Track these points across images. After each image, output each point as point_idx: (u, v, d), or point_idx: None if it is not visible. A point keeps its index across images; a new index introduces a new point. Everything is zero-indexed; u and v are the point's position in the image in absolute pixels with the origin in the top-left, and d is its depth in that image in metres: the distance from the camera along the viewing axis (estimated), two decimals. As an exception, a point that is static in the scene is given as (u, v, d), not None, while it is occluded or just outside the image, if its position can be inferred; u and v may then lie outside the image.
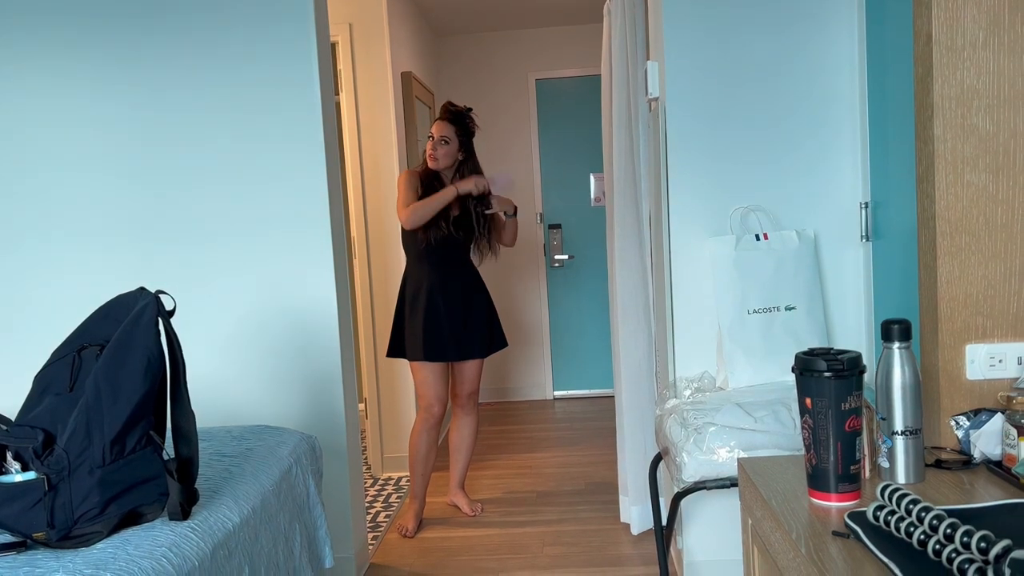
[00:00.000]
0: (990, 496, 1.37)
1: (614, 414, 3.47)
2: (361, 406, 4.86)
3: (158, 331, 1.73)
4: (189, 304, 2.93)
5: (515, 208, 3.53)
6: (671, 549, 2.99)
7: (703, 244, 2.65)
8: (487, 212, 3.45)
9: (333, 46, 4.09)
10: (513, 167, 5.59)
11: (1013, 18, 1.58)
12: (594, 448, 4.53)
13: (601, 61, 3.32)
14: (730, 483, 2.16)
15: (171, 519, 1.71)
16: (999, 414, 1.53)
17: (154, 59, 2.90)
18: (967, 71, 1.60)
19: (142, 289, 1.82)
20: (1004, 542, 1.02)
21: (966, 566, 1.03)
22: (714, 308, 2.61)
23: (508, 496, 3.84)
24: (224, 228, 2.94)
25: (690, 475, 2.21)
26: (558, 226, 5.70)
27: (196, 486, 1.81)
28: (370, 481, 4.16)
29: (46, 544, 1.61)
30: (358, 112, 4.13)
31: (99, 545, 1.60)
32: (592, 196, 5.70)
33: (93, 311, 1.84)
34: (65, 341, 1.79)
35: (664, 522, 2.55)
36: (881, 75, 2.40)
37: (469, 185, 3.33)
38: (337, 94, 4.15)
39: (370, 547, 3.29)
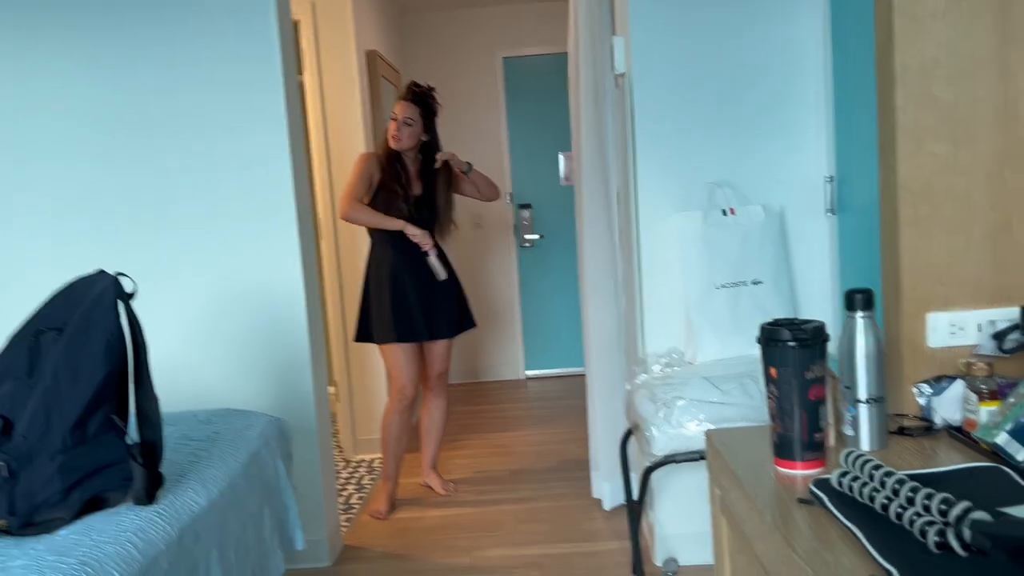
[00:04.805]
0: (951, 460, 1.39)
1: (586, 392, 3.48)
2: (332, 389, 4.84)
3: (118, 313, 1.70)
4: (154, 288, 2.89)
5: (468, 164, 3.48)
6: (642, 523, 3.01)
7: (670, 220, 2.65)
8: (436, 166, 3.39)
9: (295, 25, 4.02)
10: (481, 147, 5.56)
11: (972, -13, 1.59)
12: (566, 426, 4.55)
13: (568, 38, 3.30)
14: (699, 456, 2.18)
15: (136, 504, 1.69)
16: (960, 380, 1.55)
17: (110, 40, 2.83)
18: (928, 41, 1.61)
19: (101, 271, 1.78)
20: (963, 504, 1.04)
21: (927, 528, 1.05)
22: (682, 284, 2.62)
23: (481, 475, 3.85)
24: (187, 211, 2.89)
25: (660, 449, 2.22)
26: (528, 206, 5.69)
27: (161, 470, 1.79)
28: (343, 464, 4.15)
29: (7, 532, 1.58)
30: (322, 92, 4.08)
31: (62, 532, 1.58)
32: (562, 175, 5.68)
33: (51, 294, 1.80)
34: (22, 325, 1.75)
35: (635, 496, 2.57)
36: (845, 49, 2.41)
37: (418, 235, 3.28)
38: (300, 74, 4.09)
39: (343, 529, 3.28)
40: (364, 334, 3.45)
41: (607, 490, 3.27)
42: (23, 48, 2.85)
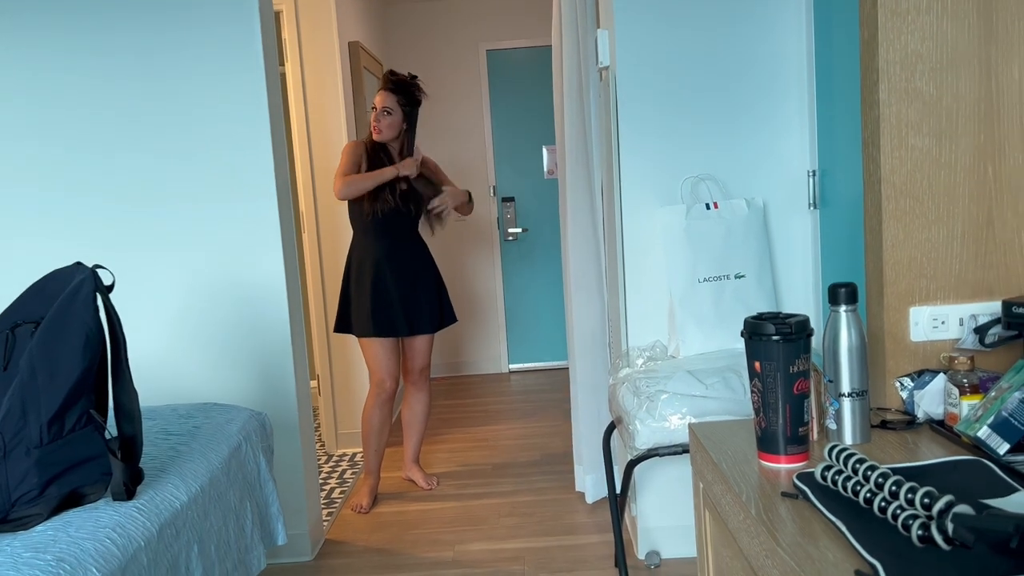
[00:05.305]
0: (933, 454, 1.40)
1: (569, 386, 3.48)
2: (313, 383, 4.81)
3: (96, 307, 1.67)
4: (133, 280, 2.86)
5: (468, 197, 3.50)
6: (625, 516, 3.02)
7: (654, 214, 2.65)
8: (439, 212, 3.41)
9: (277, 15, 3.98)
10: (464, 140, 5.54)
11: (956, -18, 1.59)
12: (549, 419, 4.55)
13: (552, 30, 3.29)
14: (682, 450, 2.18)
15: (115, 499, 1.67)
16: (942, 374, 1.56)
17: (95, 25, 2.79)
18: (911, 35, 1.61)
19: (78, 264, 1.75)
20: (947, 497, 1.04)
21: (910, 522, 1.05)
22: (665, 277, 2.62)
23: (464, 469, 3.84)
24: (167, 202, 2.86)
25: (643, 443, 2.22)
26: (511, 199, 5.68)
27: (141, 465, 1.77)
28: (324, 458, 4.13)
29: (-17, 528, 1.56)
30: (304, 83, 4.05)
31: (39, 528, 1.55)
32: (545, 168, 5.68)
33: (27, 287, 1.77)
34: (-3, 319, 1.72)
35: (618, 490, 2.57)
36: (827, 43, 2.41)
37: (410, 168, 3.28)
38: (282, 65, 4.05)
39: (325, 523, 3.26)
40: (343, 324, 3.43)
41: (590, 483, 3.27)
42: (4, 31, 2.81)
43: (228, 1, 2.77)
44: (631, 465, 2.33)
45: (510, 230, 5.68)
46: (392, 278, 3.33)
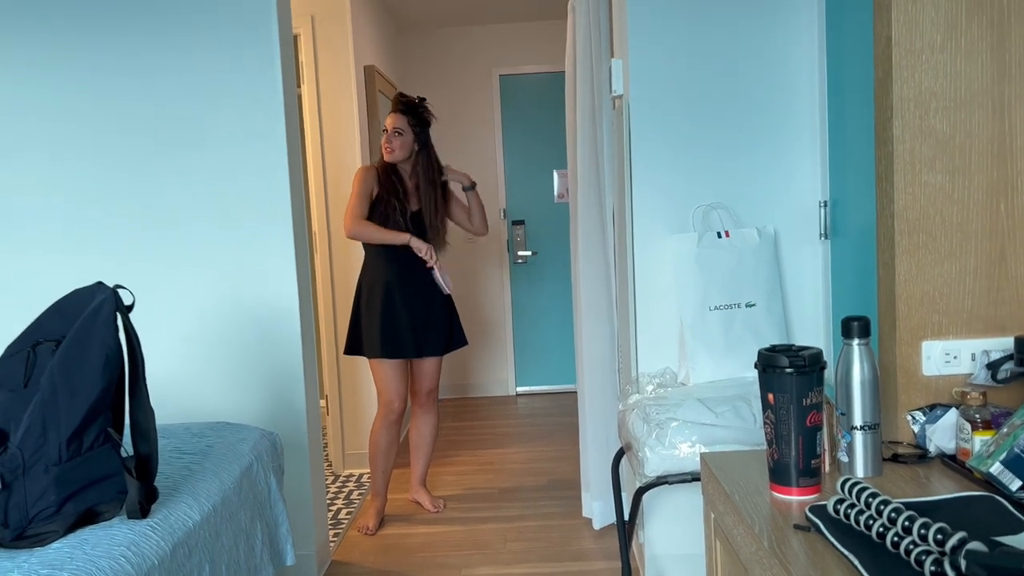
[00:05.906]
0: (945, 489, 1.40)
1: (576, 410, 3.48)
2: (322, 402, 4.82)
3: (116, 326, 1.69)
4: (148, 299, 2.88)
5: (472, 182, 3.52)
6: (633, 543, 3.01)
7: (665, 241, 2.67)
8: (443, 179, 3.46)
9: (295, 38, 4.04)
10: (476, 163, 5.58)
11: (970, 22, 1.62)
12: (556, 444, 4.55)
13: (565, 58, 3.33)
14: (691, 478, 2.19)
15: (130, 517, 1.68)
16: (954, 409, 1.57)
17: (111, 47, 2.84)
18: (925, 73, 1.63)
19: (99, 284, 1.78)
20: (960, 534, 1.05)
21: (923, 557, 1.06)
22: (676, 305, 2.63)
23: (470, 492, 3.84)
24: (183, 221, 2.89)
25: (652, 470, 2.23)
26: (521, 222, 5.71)
27: (155, 484, 1.78)
28: (331, 478, 4.13)
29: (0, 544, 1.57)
30: (320, 106, 4.09)
31: (55, 545, 1.57)
32: (556, 192, 5.71)
33: (48, 306, 1.80)
34: (19, 337, 1.75)
35: (626, 517, 2.57)
36: (839, 76, 2.44)
37: (423, 249, 3.29)
38: (299, 87, 4.10)
39: (331, 544, 3.26)
40: (354, 347, 3.44)
41: (597, 509, 3.27)
42: (18, 52, 2.85)
43: (248, 25, 2.81)
44: (640, 492, 2.33)
45: (520, 253, 5.71)
46: (402, 300, 3.35)
